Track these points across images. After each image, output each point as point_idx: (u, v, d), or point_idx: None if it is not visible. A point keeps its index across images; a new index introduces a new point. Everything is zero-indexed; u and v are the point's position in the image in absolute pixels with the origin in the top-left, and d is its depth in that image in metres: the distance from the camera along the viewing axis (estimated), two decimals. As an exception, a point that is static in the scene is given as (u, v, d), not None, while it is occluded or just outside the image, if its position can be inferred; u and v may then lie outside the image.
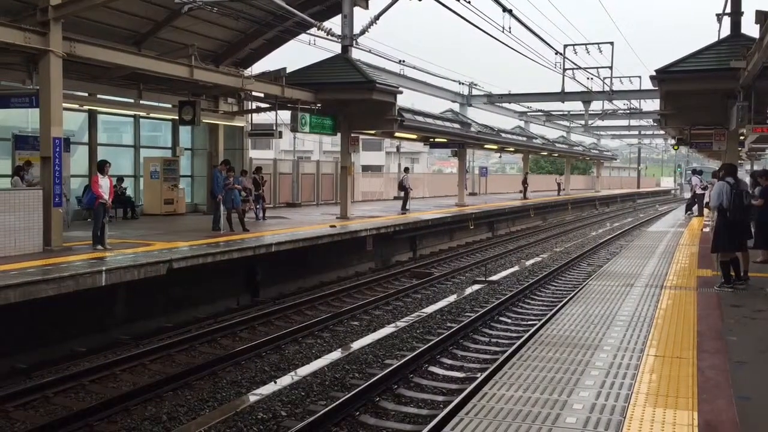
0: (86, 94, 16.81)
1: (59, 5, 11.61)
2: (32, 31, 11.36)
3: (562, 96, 34.33)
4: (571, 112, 45.10)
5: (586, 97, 35.85)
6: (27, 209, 11.35)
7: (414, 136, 26.52)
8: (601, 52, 31.56)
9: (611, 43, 31.57)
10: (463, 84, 35.30)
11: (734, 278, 9.84)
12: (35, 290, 9.01)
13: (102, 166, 12.66)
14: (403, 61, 25.70)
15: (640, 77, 35.92)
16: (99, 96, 17.18)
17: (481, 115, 38.15)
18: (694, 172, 28.14)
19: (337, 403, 7.61)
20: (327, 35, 18.23)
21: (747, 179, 14.76)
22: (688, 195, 33.58)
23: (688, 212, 26.43)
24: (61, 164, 12.11)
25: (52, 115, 11.82)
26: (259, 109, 20.56)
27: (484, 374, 8.68)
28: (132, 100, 17.66)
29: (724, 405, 4.95)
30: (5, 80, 13.90)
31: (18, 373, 9.14)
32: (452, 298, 14.61)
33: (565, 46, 30.49)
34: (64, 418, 7.44)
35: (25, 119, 16.19)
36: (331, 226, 17.66)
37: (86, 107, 17.32)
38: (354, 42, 19.03)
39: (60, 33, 11.65)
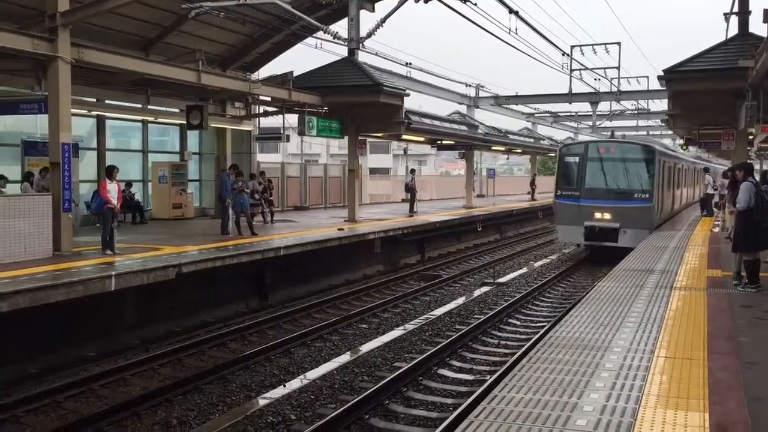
0: (94, 100, 16.90)
1: (67, 12, 11.68)
2: (41, 37, 11.42)
3: (570, 97, 34.26)
4: (579, 113, 44.94)
5: (594, 97, 35.73)
6: (37, 215, 11.40)
7: (421, 139, 26.50)
8: (608, 52, 31.41)
9: (618, 44, 31.41)
10: (470, 86, 35.20)
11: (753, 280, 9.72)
12: (45, 295, 9.06)
13: (110, 172, 12.71)
14: (410, 64, 25.67)
15: (647, 77, 35.52)
16: (107, 101, 17.27)
17: (488, 117, 38.08)
18: (706, 170, 27.87)
19: (347, 406, 7.62)
20: (333, 38, 18.29)
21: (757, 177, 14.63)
22: None
23: (704, 212, 26.14)
24: (70, 170, 12.17)
25: (61, 121, 11.88)
26: (266, 113, 20.61)
27: (494, 377, 8.67)
28: (140, 105, 17.72)
29: (735, 406, 4.92)
30: (14, 86, 13.98)
31: (28, 378, 9.18)
32: (461, 300, 14.59)
33: (572, 47, 30.38)
34: (74, 423, 7.48)
35: (34, 125, 16.27)
36: (339, 229, 17.67)
37: (94, 113, 17.38)
38: (360, 45, 19.04)
39: (68, 39, 11.71)
